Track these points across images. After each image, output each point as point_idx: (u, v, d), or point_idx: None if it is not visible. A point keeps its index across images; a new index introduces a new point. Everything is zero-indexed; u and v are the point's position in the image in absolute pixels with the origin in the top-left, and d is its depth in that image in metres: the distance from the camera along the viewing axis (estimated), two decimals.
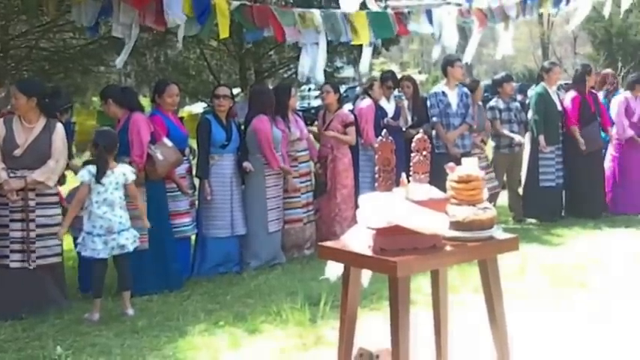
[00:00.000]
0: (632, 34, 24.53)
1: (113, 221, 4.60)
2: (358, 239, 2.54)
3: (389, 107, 7.25)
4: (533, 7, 8.03)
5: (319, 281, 4.18)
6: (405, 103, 7.31)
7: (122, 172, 4.70)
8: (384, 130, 2.63)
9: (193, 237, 5.98)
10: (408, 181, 2.51)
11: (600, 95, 8.21)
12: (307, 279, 5.35)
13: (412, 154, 2.54)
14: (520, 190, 7.88)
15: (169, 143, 5.38)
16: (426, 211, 2.40)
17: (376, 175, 2.49)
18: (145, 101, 7.37)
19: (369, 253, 2.48)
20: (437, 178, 2.84)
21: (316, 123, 7.13)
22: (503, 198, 7.85)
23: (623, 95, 8.10)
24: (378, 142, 2.51)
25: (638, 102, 7.97)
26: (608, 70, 9.07)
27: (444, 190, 2.68)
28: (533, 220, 7.65)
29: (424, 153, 2.52)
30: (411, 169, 2.53)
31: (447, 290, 3.02)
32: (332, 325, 4.19)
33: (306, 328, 4.22)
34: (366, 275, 2.74)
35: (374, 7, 6.90)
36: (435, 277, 2.94)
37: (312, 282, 5.04)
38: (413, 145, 2.55)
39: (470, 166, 2.73)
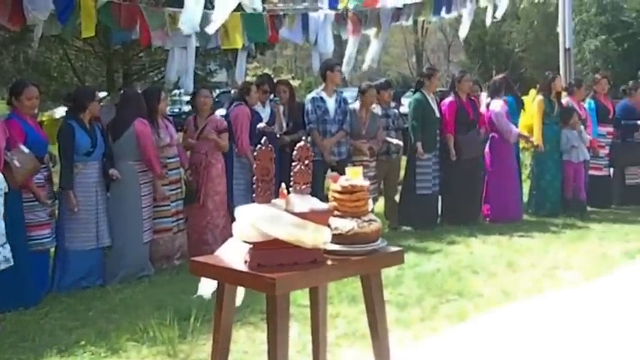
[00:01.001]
0: (504, 43, 25.88)
1: None
2: (233, 254, 2.38)
3: (264, 112, 7.13)
4: (411, 14, 8.20)
5: (189, 294, 3.98)
6: (281, 108, 7.24)
7: None
8: (264, 138, 2.49)
9: (52, 249, 5.60)
10: (288, 192, 2.39)
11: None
12: (177, 292, 5.13)
13: (293, 163, 2.41)
14: (397, 198, 7.99)
15: (26, 150, 5.01)
16: (307, 224, 2.29)
17: (254, 186, 2.35)
18: (1, 104, 6.85)
19: (245, 269, 2.33)
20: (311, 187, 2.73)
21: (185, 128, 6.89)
22: (379, 205, 7.93)
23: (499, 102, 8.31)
24: (257, 150, 2.37)
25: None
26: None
27: (320, 198, 2.56)
28: (408, 228, 7.77)
29: (306, 162, 2.40)
30: (292, 179, 2.40)
31: (326, 306, 2.92)
32: (203, 342, 4.02)
33: (175, 346, 4.01)
34: (240, 291, 2.58)
35: (248, 8, 6.76)
36: (314, 293, 2.84)
37: (182, 295, 4.85)
38: (294, 153, 2.42)
39: (354, 176, 2.63)
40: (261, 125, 6.89)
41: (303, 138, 6.18)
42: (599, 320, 4.44)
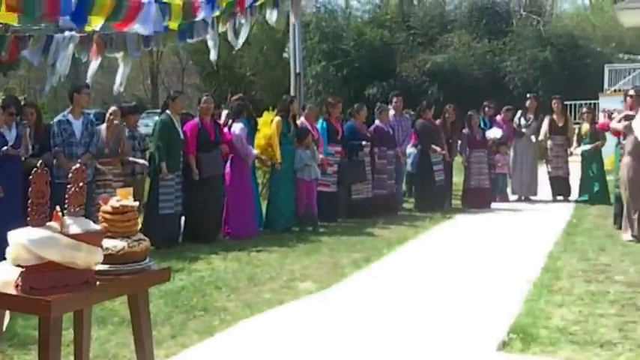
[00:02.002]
0: (237, 67, 26.72)
1: None
2: (4, 278, 2.32)
3: (10, 135, 6.80)
4: (159, 39, 8.28)
5: None
6: (27, 130, 6.92)
7: None
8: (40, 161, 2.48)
9: None
10: (63, 215, 2.40)
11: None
12: None
13: (68, 186, 2.42)
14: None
15: None
16: (81, 245, 2.33)
17: (28, 209, 2.32)
18: None
19: (16, 292, 2.29)
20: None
21: None
22: None
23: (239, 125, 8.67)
24: (33, 173, 2.35)
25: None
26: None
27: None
28: (151, 247, 7.75)
29: (80, 184, 2.43)
30: (66, 201, 2.42)
31: (90, 327, 2.94)
32: None
33: None
34: (6, 316, 2.52)
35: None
36: (78, 314, 2.84)
37: None
38: (70, 175, 2.45)
39: (125, 197, 2.71)
40: (5, 148, 6.60)
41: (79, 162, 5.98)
42: (335, 325, 4.91)
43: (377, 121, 10.65)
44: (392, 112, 10.98)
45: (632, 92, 8.65)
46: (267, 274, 6.53)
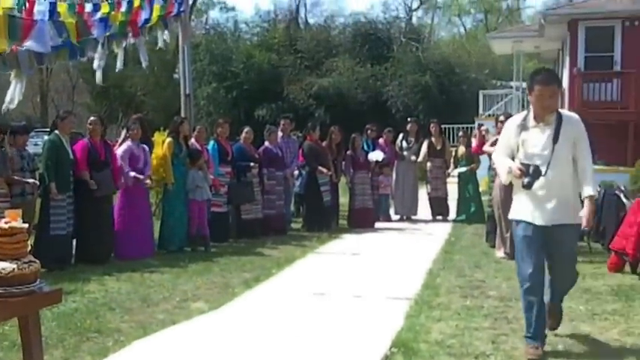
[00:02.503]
0: (127, 86, 26.16)
1: None
2: None
3: None
4: (51, 57, 8.14)
5: None
6: None
7: None
8: None
9: None
10: None
11: None
12: None
13: None
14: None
15: None
16: None
17: None
18: None
19: None
20: None
21: None
22: None
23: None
24: None
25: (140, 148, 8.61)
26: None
27: None
28: (42, 270, 7.51)
29: None
30: None
31: None
32: None
33: None
34: None
35: None
36: None
37: None
38: None
39: (14, 219, 2.69)
40: None
41: None
42: (227, 344, 4.98)
43: (266, 143, 10.80)
44: (280, 134, 11.17)
45: (502, 118, 9.20)
46: (160, 294, 6.51)
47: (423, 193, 12.94)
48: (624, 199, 8.62)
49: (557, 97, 4.58)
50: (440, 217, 12.53)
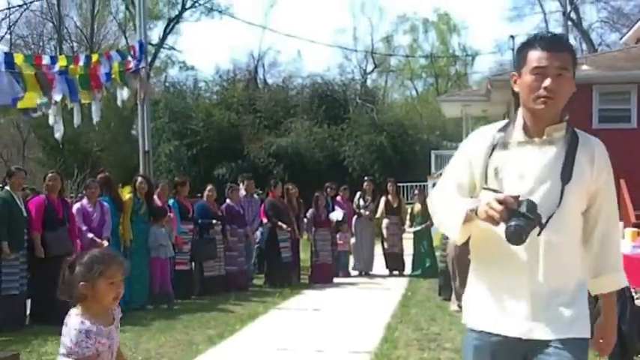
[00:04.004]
0: (83, 142, 25.89)
1: None
2: None
3: None
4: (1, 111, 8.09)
5: None
6: None
7: None
8: None
9: None
10: None
11: None
12: None
13: None
14: None
15: None
16: None
17: None
18: None
19: None
20: None
21: None
22: None
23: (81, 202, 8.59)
24: None
25: (96, 207, 8.52)
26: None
27: None
28: None
29: None
30: None
31: None
32: None
33: None
34: None
35: None
36: None
37: None
38: None
39: None
40: None
41: None
42: None
43: (228, 200, 10.87)
44: (243, 193, 11.26)
45: None
46: (122, 352, 6.40)
47: (379, 249, 13.08)
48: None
49: (570, 84, 2.44)
50: (396, 272, 12.65)
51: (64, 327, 2.82)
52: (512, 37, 46.12)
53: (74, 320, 2.79)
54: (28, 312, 7.83)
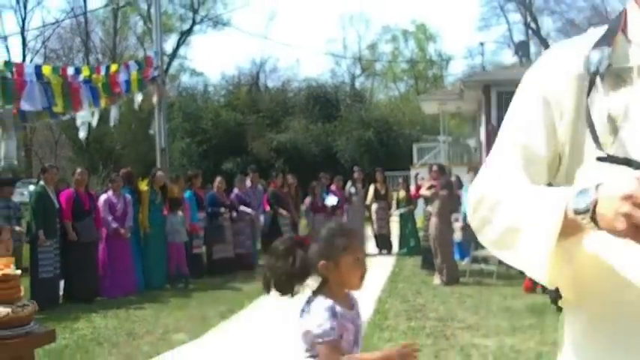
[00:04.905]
0: (107, 141, 25.76)
1: None
2: None
3: None
4: (34, 116, 8.01)
5: None
6: None
7: None
8: None
9: None
10: None
11: None
12: None
13: None
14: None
15: None
16: None
17: None
18: None
19: None
20: None
21: None
22: None
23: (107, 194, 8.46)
24: None
25: (120, 198, 8.41)
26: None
27: None
28: None
29: None
30: None
31: None
32: None
33: None
34: None
35: None
36: None
37: None
38: None
39: (6, 266, 2.60)
40: None
41: None
42: None
43: (235, 190, 10.77)
44: (249, 184, 11.18)
45: (435, 167, 9.42)
46: (144, 328, 6.35)
47: (369, 231, 12.99)
48: None
49: None
50: (385, 252, 12.58)
51: (305, 315, 2.23)
52: (481, 43, 46.28)
53: (321, 303, 2.15)
54: (61, 292, 7.74)
